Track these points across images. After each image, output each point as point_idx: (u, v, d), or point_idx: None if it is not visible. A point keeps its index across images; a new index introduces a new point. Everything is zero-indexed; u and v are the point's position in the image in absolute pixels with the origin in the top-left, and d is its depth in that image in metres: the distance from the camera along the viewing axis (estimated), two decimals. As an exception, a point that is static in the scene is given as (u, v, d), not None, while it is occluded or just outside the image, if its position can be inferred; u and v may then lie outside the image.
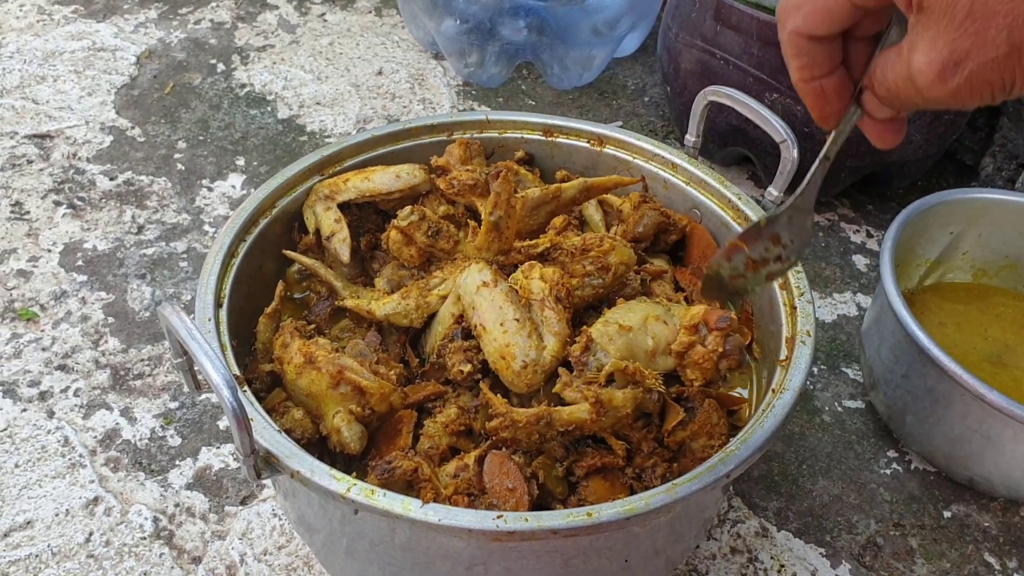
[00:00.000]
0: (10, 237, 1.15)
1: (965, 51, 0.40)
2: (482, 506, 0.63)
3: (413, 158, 0.86)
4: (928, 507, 0.91)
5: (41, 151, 1.29)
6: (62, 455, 0.91)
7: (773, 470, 0.93)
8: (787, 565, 0.85)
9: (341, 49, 1.54)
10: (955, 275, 1.05)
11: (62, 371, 1.00)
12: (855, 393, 1.01)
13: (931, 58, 0.41)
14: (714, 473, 0.58)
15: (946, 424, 0.86)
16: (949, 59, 0.41)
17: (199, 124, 1.36)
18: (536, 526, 0.55)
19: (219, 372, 0.54)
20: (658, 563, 0.71)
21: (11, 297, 1.08)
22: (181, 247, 1.15)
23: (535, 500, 0.64)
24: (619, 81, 1.51)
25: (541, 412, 0.63)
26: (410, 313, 0.73)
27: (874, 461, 0.95)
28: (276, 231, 0.80)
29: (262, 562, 0.83)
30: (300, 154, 1.31)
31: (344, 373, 0.66)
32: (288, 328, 0.71)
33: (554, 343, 0.67)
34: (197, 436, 0.94)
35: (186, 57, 1.51)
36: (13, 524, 0.85)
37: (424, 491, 0.62)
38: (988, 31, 0.39)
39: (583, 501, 0.65)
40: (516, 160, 0.89)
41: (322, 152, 0.84)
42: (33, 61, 1.47)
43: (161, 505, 0.88)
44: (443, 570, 0.64)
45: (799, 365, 0.67)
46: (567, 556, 0.62)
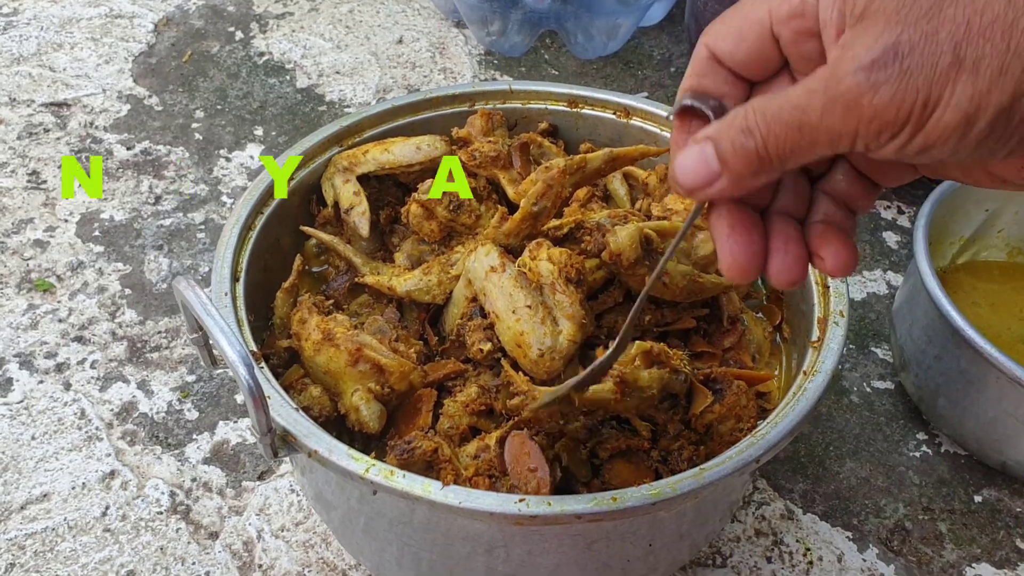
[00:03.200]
0: (27, 207, 1.14)
1: (911, 44, 0.35)
2: (503, 488, 0.62)
3: (434, 129, 0.84)
4: (958, 491, 0.89)
5: (58, 119, 1.28)
6: (79, 428, 0.91)
7: (800, 451, 0.91)
8: (813, 548, 0.84)
9: (361, 17, 1.52)
10: (989, 253, 1.03)
11: (79, 343, 0.99)
12: (884, 373, 0.99)
13: (870, 45, 0.35)
14: (743, 458, 0.57)
15: (979, 407, 0.83)
16: (892, 45, 0.35)
17: (217, 93, 1.34)
18: (559, 510, 0.54)
19: (235, 349, 0.53)
20: (682, 546, 0.69)
21: (28, 267, 1.07)
22: (199, 218, 1.14)
23: (557, 482, 0.62)
24: (644, 51, 1.47)
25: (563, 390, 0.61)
26: (432, 289, 0.71)
27: (903, 443, 0.93)
28: (294, 203, 0.79)
29: (279, 538, 0.83)
30: (319, 124, 1.29)
31: (363, 351, 0.64)
32: (306, 304, 0.70)
33: (570, 327, 0.64)
34: (214, 410, 0.93)
35: (204, 25, 1.49)
36: (30, 497, 0.85)
37: (444, 472, 0.61)
38: (939, 34, 0.34)
39: (607, 484, 0.63)
40: (540, 132, 0.87)
41: (341, 123, 0.82)
42: (50, 28, 1.45)
43: (178, 479, 0.87)
44: (463, 552, 0.63)
45: (831, 347, 0.65)
46: (590, 540, 0.60)
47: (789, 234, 0.42)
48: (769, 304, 0.78)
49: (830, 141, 0.37)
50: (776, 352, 0.75)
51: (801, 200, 0.44)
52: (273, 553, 0.82)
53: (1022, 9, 0.34)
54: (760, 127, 0.38)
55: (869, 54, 0.35)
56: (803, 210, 0.44)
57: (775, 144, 0.37)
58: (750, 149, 0.38)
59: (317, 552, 0.82)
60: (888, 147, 0.36)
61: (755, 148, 0.38)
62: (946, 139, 0.35)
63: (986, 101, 0.34)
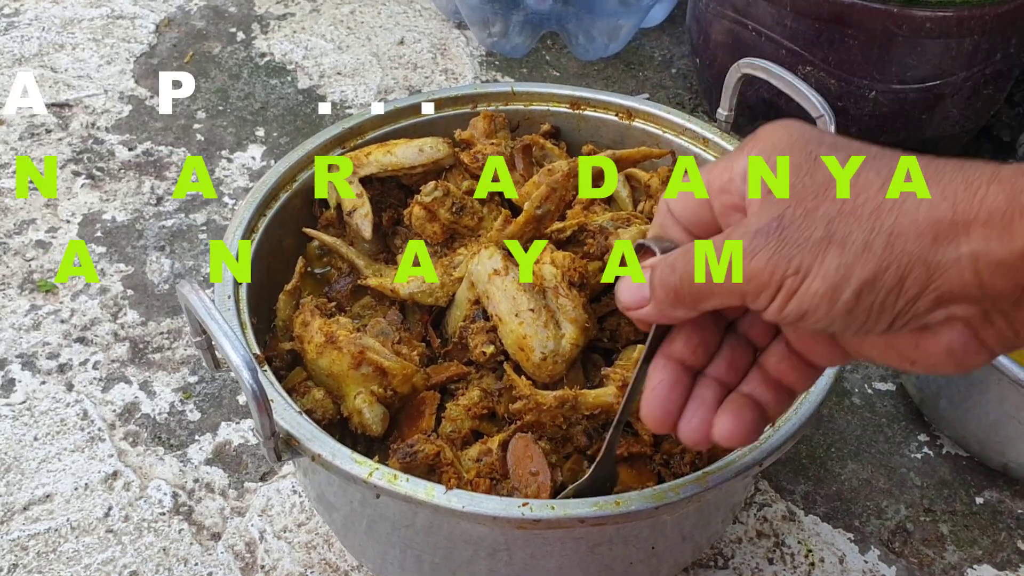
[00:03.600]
0: (29, 208, 1.14)
1: (791, 219, 0.39)
2: (504, 491, 0.62)
3: (436, 131, 0.84)
4: (960, 493, 0.89)
5: (60, 120, 1.28)
6: (81, 428, 0.91)
7: (801, 453, 0.91)
8: (814, 550, 0.84)
9: (362, 18, 1.52)
10: (991, 255, 1.03)
11: (81, 344, 0.99)
12: (886, 375, 0.99)
13: (761, 217, 0.40)
14: (747, 462, 0.57)
15: (981, 409, 0.83)
16: (776, 218, 0.39)
17: (218, 94, 1.34)
18: (563, 514, 0.54)
19: (239, 353, 0.53)
20: (684, 549, 0.69)
21: (30, 268, 1.07)
22: (200, 219, 1.14)
23: (558, 485, 0.62)
24: (646, 52, 1.47)
25: (566, 395, 0.61)
26: (435, 291, 0.71)
27: (904, 445, 0.93)
28: (296, 205, 0.79)
29: (282, 539, 0.83)
30: (320, 125, 1.29)
31: (366, 354, 0.64)
32: (308, 306, 0.70)
33: (572, 331, 0.64)
34: (216, 411, 0.93)
35: (205, 25, 1.49)
36: (32, 498, 0.85)
37: (447, 475, 0.61)
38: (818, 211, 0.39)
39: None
40: (542, 133, 0.87)
41: (343, 124, 0.82)
42: (52, 29, 1.45)
43: (180, 480, 0.87)
44: (465, 555, 0.63)
45: (834, 349, 0.65)
46: (593, 543, 0.60)
47: (704, 399, 0.47)
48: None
49: (725, 293, 0.41)
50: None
51: (735, 369, 0.48)
52: (275, 554, 0.82)
53: (883, 202, 0.38)
54: (679, 267, 0.43)
55: (756, 224, 0.40)
56: (736, 379, 0.48)
57: (687, 284, 0.43)
58: (671, 284, 0.43)
59: (319, 553, 0.82)
60: (770, 308, 0.40)
61: (675, 284, 0.43)
62: (817, 305, 0.39)
63: (850, 272, 0.38)
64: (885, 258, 0.37)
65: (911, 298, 0.38)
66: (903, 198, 0.38)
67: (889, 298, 0.38)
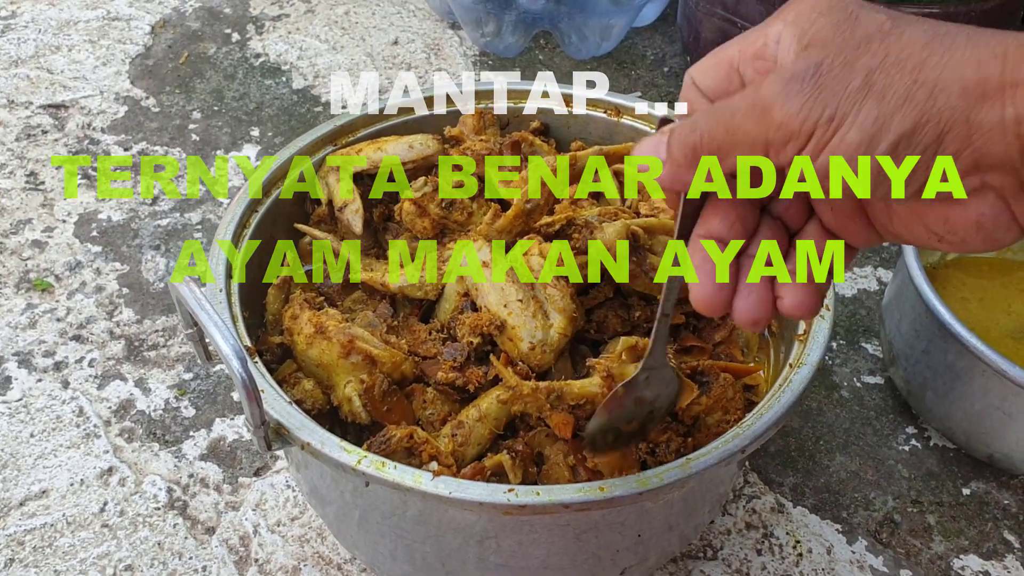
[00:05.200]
0: (25, 207, 1.15)
1: (829, 67, 0.38)
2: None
3: (427, 128, 0.85)
4: (947, 484, 0.90)
5: (56, 121, 1.29)
6: (77, 425, 0.92)
7: (790, 446, 0.92)
8: (803, 541, 0.85)
9: (357, 18, 1.53)
10: (978, 249, 1.03)
11: (77, 341, 1.00)
12: (874, 369, 1.00)
13: (797, 64, 0.39)
14: (729, 448, 0.58)
15: (967, 400, 0.84)
16: (813, 65, 0.38)
17: (214, 94, 1.36)
18: (547, 500, 0.55)
19: (229, 343, 0.54)
20: (672, 538, 0.70)
21: (26, 267, 1.08)
22: (195, 218, 1.15)
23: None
24: (638, 51, 1.48)
25: (552, 386, 0.62)
26: (425, 285, 0.72)
27: (892, 437, 0.94)
28: (288, 202, 0.80)
29: (275, 533, 0.84)
30: (315, 124, 1.30)
31: (355, 343, 0.65)
32: (298, 299, 0.71)
33: (560, 320, 0.65)
34: (211, 407, 0.94)
35: (201, 27, 1.50)
36: (28, 493, 0.86)
37: (424, 453, 0.62)
38: (858, 61, 0.38)
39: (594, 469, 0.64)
40: (531, 130, 0.88)
41: (335, 122, 0.83)
42: (48, 30, 1.46)
43: (175, 476, 0.88)
44: (454, 543, 0.64)
45: (817, 339, 0.66)
46: (579, 530, 0.61)
47: None
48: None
49: (748, 144, 0.40)
50: (764, 346, 0.76)
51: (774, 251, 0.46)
52: (269, 547, 0.82)
53: (934, 53, 0.36)
54: (701, 124, 0.41)
55: (792, 70, 0.38)
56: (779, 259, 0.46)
57: (708, 139, 0.41)
58: (689, 141, 0.42)
59: (312, 546, 0.83)
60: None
61: (694, 141, 0.42)
62: (850, 159, 0.37)
63: (888, 123, 0.36)
64: (926, 111, 0.36)
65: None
66: (949, 54, 0.36)
67: (926, 155, 0.37)
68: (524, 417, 0.66)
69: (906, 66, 0.37)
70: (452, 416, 0.66)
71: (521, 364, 0.65)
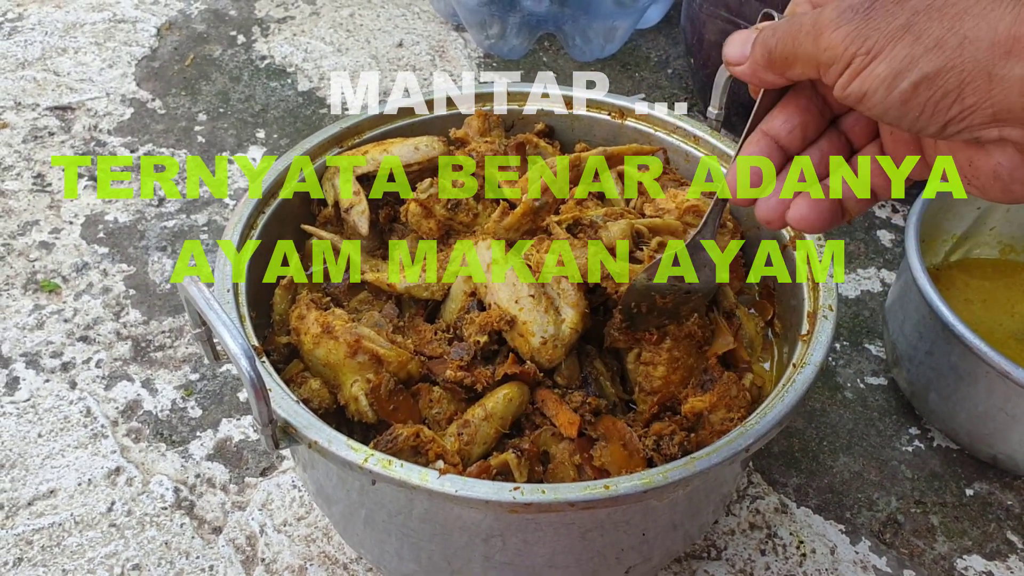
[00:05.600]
0: (32, 209, 1.16)
1: (882, 4, 0.41)
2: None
3: (432, 130, 0.86)
4: (950, 484, 0.90)
5: (62, 123, 1.30)
6: (84, 425, 0.92)
7: (794, 446, 0.93)
8: (806, 541, 0.85)
9: (361, 21, 1.53)
10: (982, 251, 1.04)
11: (84, 342, 1.00)
12: (878, 370, 1.00)
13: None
14: (733, 447, 0.58)
15: (970, 402, 0.85)
16: (869, 1, 0.42)
17: (219, 96, 1.36)
18: (553, 498, 0.55)
19: (237, 342, 0.54)
20: (676, 537, 0.71)
21: (33, 269, 1.08)
22: (202, 219, 1.16)
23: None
24: (642, 53, 1.49)
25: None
26: (431, 286, 0.72)
27: (896, 438, 0.94)
28: (295, 203, 0.80)
29: (282, 533, 0.84)
30: (320, 127, 1.31)
31: (361, 342, 0.66)
32: (304, 300, 0.71)
33: (573, 315, 0.66)
34: (217, 408, 0.95)
35: (206, 29, 1.50)
36: (37, 493, 0.86)
37: (430, 452, 0.62)
38: (907, 4, 0.41)
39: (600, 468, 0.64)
40: (536, 132, 0.88)
41: (341, 124, 0.84)
42: (54, 33, 1.47)
43: (182, 476, 0.88)
44: (460, 542, 0.64)
45: (821, 339, 0.66)
46: (584, 528, 0.61)
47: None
48: (761, 300, 0.79)
49: (804, 59, 0.44)
50: (768, 347, 0.77)
51: (827, 162, 0.50)
52: (276, 547, 0.83)
53: (978, 3, 0.39)
54: (779, 31, 0.45)
55: (850, 2, 0.42)
56: (826, 171, 0.50)
57: (780, 47, 0.45)
58: (769, 45, 0.46)
59: (319, 546, 0.83)
60: (838, 83, 0.43)
61: (771, 46, 0.46)
62: (876, 89, 0.41)
63: (914, 64, 0.40)
64: (952, 59, 0.39)
65: (968, 107, 0.39)
66: (991, 7, 0.39)
67: (945, 100, 0.40)
68: (530, 416, 0.67)
69: (948, 13, 0.39)
70: (458, 415, 0.66)
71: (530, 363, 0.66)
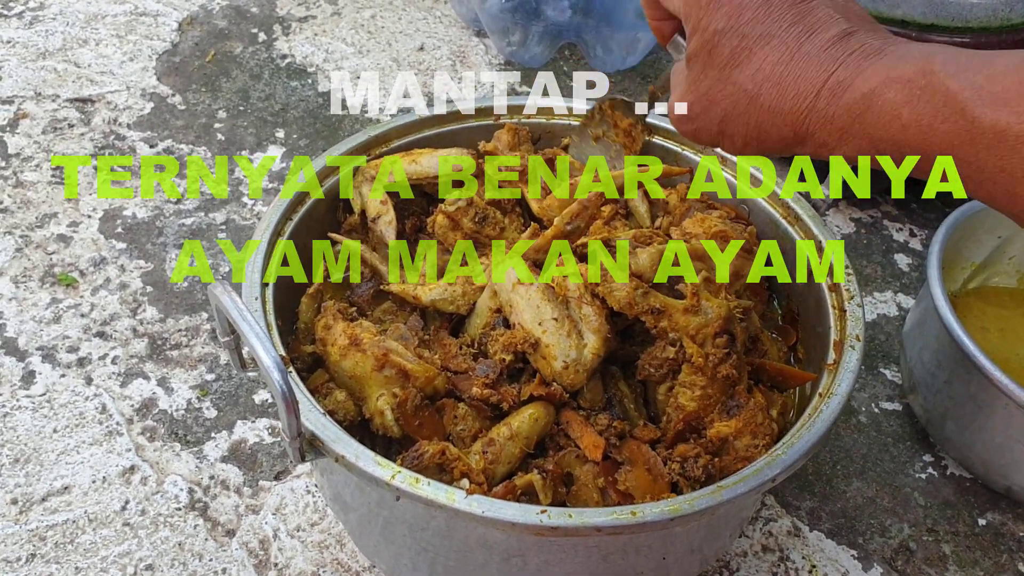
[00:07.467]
0: (51, 201, 1.16)
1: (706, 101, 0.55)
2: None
3: (460, 141, 0.86)
4: (963, 514, 0.90)
5: (82, 115, 1.30)
6: (99, 422, 0.92)
7: (807, 469, 0.93)
8: (818, 566, 0.85)
9: (383, 23, 1.53)
10: (1000, 279, 1.04)
11: (100, 338, 1.00)
12: (892, 395, 1.00)
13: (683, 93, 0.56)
14: (760, 477, 0.58)
15: (987, 432, 0.85)
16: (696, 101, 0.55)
17: (239, 94, 1.36)
18: (580, 523, 0.55)
19: (269, 355, 0.54)
20: (693, 560, 0.71)
21: (51, 262, 1.08)
22: (220, 218, 1.16)
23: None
24: (663, 65, 1.49)
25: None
26: (456, 299, 0.72)
27: (909, 465, 0.94)
28: (321, 211, 0.80)
29: (295, 538, 0.84)
30: (340, 128, 1.31)
31: (389, 356, 0.66)
32: (331, 310, 0.71)
33: (595, 340, 0.66)
34: (232, 409, 0.95)
35: (227, 25, 1.50)
36: (51, 489, 0.86)
37: (456, 470, 0.62)
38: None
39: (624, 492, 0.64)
40: (563, 147, 0.88)
41: (369, 132, 0.84)
42: (76, 24, 1.47)
43: (196, 477, 0.88)
44: (479, 559, 0.64)
45: (847, 370, 0.66)
46: (606, 552, 0.62)
47: None
48: (784, 325, 0.79)
49: None
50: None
51: None
52: (288, 552, 0.83)
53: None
54: None
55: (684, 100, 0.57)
56: None
57: None
58: None
59: (332, 553, 0.83)
60: None
61: None
62: None
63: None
64: None
65: None
66: None
67: None
68: (554, 437, 0.67)
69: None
70: (483, 433, 0.66)
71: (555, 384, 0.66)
